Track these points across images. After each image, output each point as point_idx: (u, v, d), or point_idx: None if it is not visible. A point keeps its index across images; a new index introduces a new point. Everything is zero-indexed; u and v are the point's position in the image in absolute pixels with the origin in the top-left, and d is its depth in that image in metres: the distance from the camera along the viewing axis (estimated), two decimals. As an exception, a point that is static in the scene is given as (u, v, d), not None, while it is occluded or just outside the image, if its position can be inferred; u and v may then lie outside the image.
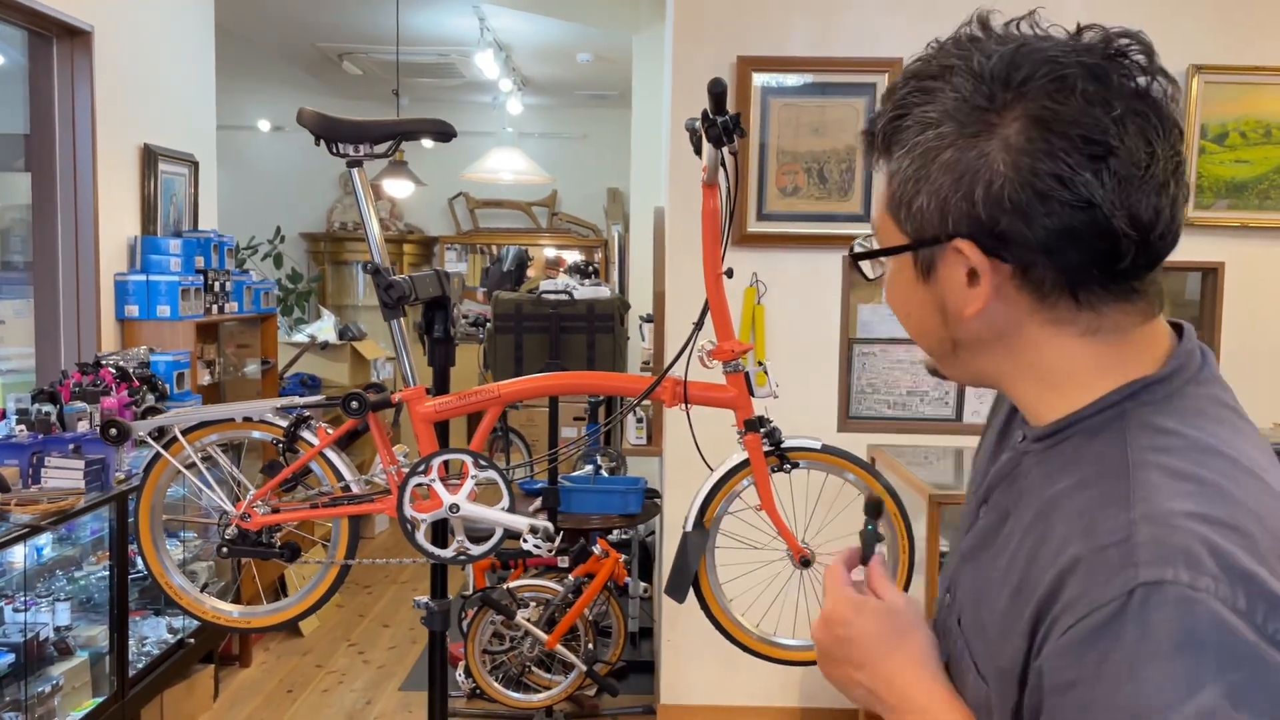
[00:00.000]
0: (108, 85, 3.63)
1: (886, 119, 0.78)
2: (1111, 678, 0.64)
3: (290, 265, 7.90)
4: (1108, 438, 0.75)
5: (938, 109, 0.75)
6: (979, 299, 0.75)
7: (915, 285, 0.80)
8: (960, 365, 0.82)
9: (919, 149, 0.75)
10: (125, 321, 3.76)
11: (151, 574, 1.83)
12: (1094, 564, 0.67)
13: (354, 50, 6.52)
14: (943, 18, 3.46)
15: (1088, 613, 0.66)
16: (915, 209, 0.76)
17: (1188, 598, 0.63)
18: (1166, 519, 0.67)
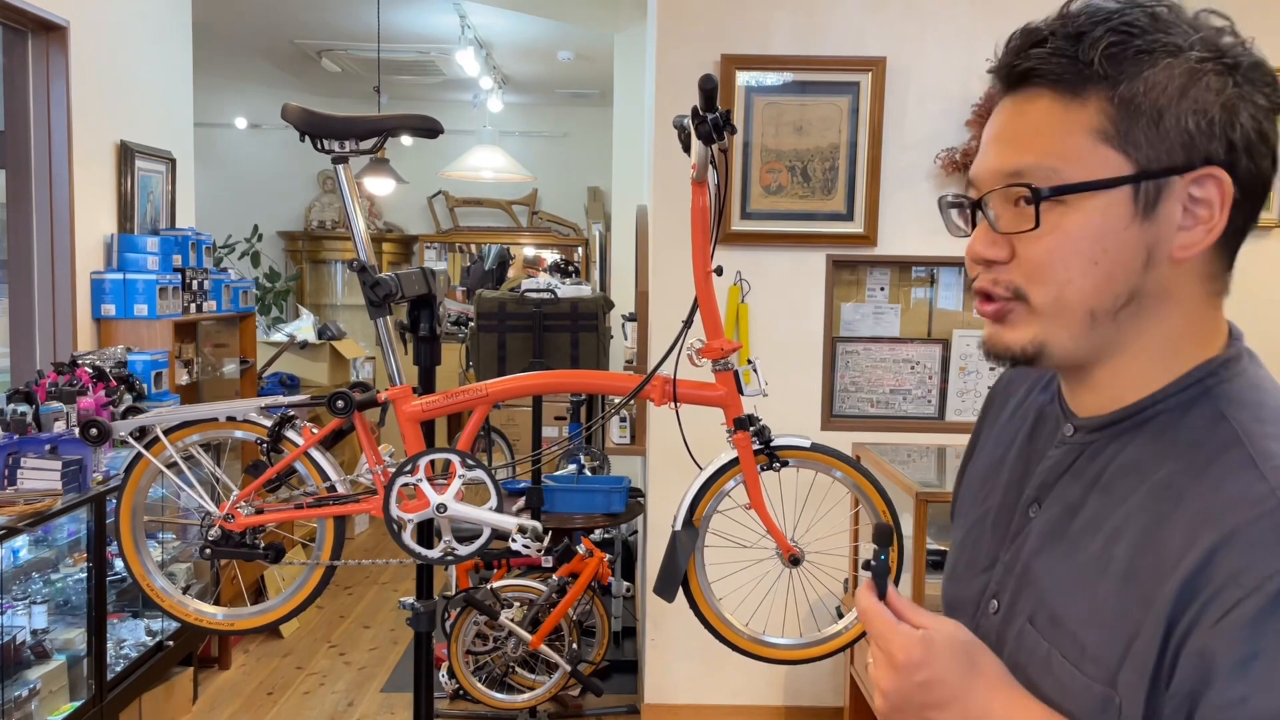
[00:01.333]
0: (84, 81, 3.58)
1: (1104, 37, 0.74)
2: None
3: (268, 264, 7.84)
4: (1202, 415, 0.76)
5: (1182, 39, 0.74)
6: (1203, 237, 0.74)
7: (1127, 224, 0.74)
8: (1106, 329, 0.77)
9: (1178, 68, 0.73)
10: (102, 320, 3.71)
11: (133, 576, 1.80)
12: (1250, 537, 0.67)
13: (333, 47, 6.47)
14: (924, 17, 3.49)
15: (1259, 584, 0.65)
16: (1165, 130, 0.73)
17: None
18: None
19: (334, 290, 8.37)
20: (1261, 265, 3.41)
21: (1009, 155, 0.78)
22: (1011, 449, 0.93)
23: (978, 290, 0.82)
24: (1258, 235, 3.38)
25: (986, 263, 0.80)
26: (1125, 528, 0.75)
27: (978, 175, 0.81)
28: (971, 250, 0.80)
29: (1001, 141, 0.79)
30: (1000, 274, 0.79)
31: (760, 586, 1.81)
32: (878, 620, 0.80)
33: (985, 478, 0.95)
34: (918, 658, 0.77)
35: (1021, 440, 0.92)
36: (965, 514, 0.98)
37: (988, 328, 0.82)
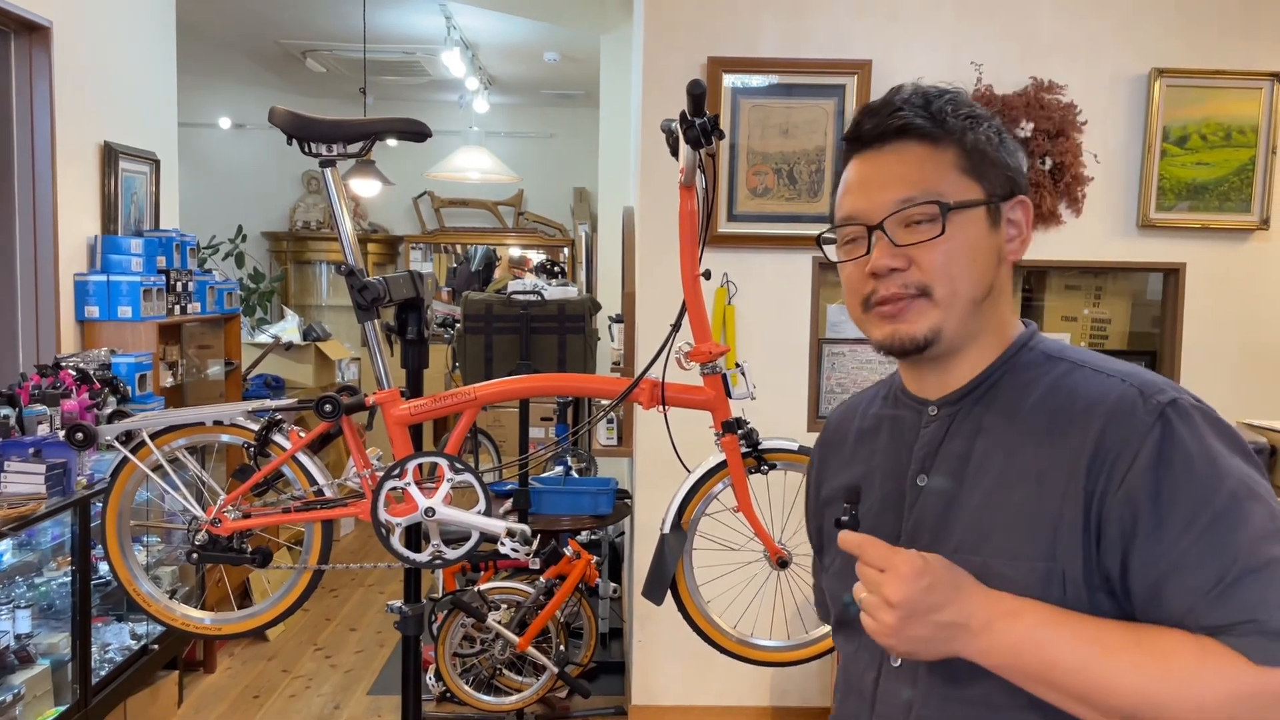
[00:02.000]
0: (67, 82, 3.56)
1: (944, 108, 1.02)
2: (1184, 465, 0.89)
3: (252, 265, 7.80)
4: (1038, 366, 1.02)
5: (982, 112, 1.05)
6: (1021, 245, 1.04)
7: (987, 233, 1.01)
8: (977, 317, 1.01)
9: (995, 129, 1.04)
10: (85, 323, 3.69)
11: (119, 581, 1.79)
12: (1119, 414, 0.92)
13: (318, 48, 6.45)
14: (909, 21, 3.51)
15: (1141, 442, 0.90)
16: (999, 169, 1.02)
17: (1197, 405, 0.93)
18: (1140, 373, 0.97)
19: (319, 291, 8.34)
20: (1241, 267, 3.44)
21: (896, 189, 1.00)
22: (874, 459, 1.10)
23: (883, 296, 1.00)
24: (1237, 238, 3.42)
25: (890, 271, 0.99)
26: (1020, 442, 0.97)
27: (867, 209, 1.01)
28: (877, 265, 0.99)
29: (881, 181, 1.01)
30: (903, 278, 0.99)
31: (748, 589, 1.82)
32: (876, 546, 0.93)
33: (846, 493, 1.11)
34: (919, 566, 0.90)
35: (883, 447, 1.09)
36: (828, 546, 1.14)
37: (885, 326, 1.01)
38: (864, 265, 1.00)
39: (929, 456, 1.03)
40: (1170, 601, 0.87)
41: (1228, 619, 0.85)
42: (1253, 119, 3.35)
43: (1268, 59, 3.35)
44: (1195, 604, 0.86)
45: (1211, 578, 0.85)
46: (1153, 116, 3.34)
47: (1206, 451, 0.89)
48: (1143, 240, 3.41)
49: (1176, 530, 0.87)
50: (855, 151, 1.04)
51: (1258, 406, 3.31)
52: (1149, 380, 0.94)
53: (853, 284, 1.03)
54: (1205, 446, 0.89)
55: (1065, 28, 3.34)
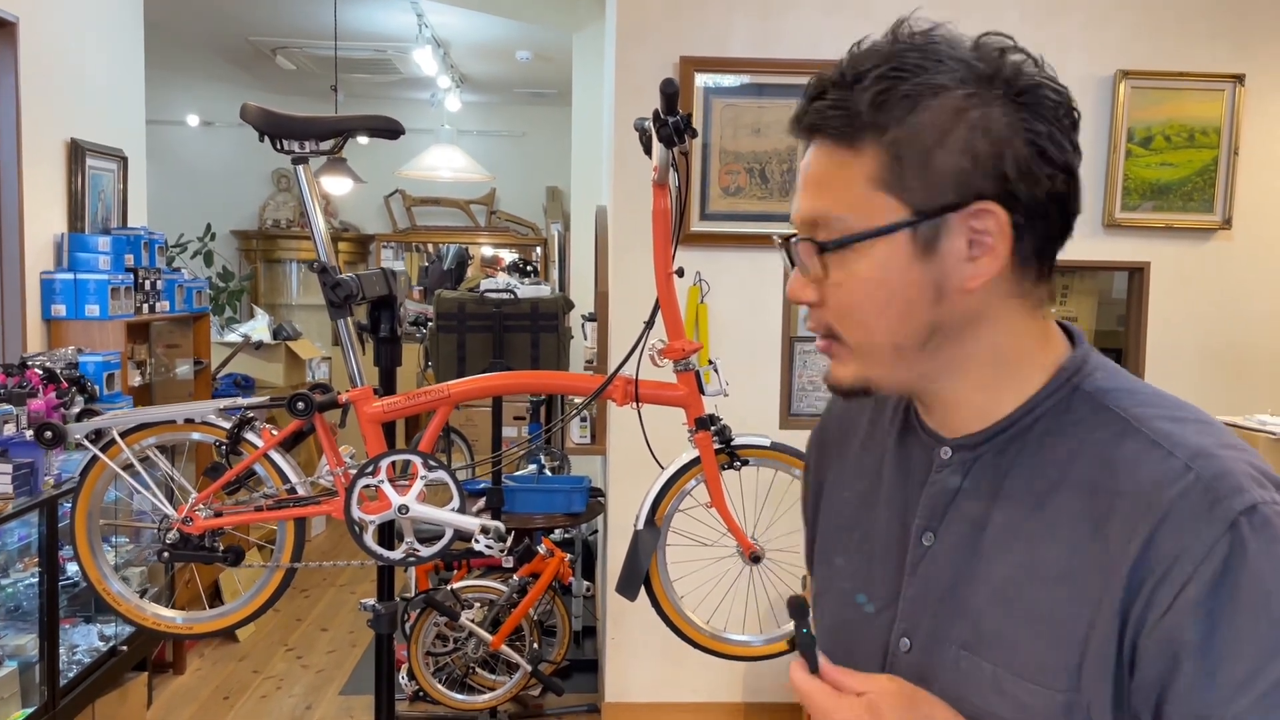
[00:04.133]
0: (33, 78, 3.52)
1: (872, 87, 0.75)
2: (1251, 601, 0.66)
3: (221, 263, 7.73)
4: (1083, 412, 0.77)
5: (948, 77, 0.75)
6: (989, 266, 0.75)
7: (909, 265, 0.76)
8: (920, 360, 0.79)
9: (944, 108, 0.74)
10: (52, 321, 3.65)
11: (89, 581, 1.78)
12: (1182, 513, 0.68)
13: (288, 45, 6.40)
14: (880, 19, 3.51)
15: (1200, 561, 0.67)
16: (935, 171, 0.74)
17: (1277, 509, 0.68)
18: (1211, 453, 0.70)
19: (289, 290, 8.28)
20: (1204, 266, 3.50)
21: (809, 202, 0.79)
22: (880, 481, 0.90)
23: (810, 328, 0.83)
24: (1200, 238, 3.47)
25: (800, 303, 0.81)
26: (1048, 531, 0.75)
27: (792, 218, 0.81)
28: (790, 292, 0.81)
29: (805, 187, 0.80)
30: (817, 315, 0.81)
31: (721, 584, 1.84)
32: (818, 696, 0.76)
33: (854, 511, 0.92)
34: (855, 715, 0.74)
35: (890, 472, 0.89)
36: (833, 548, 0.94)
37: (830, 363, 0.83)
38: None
39: (936, 512, 0.82)
40: None
41: None
42: (1215, 120, 3.41)
43: (1230, 61, 3.41)
44: None
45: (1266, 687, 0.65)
46: (1118, 118, 3.39)
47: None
48: (1108, 239, 3.46)
49: (1232, 686, 0.66)
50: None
51: (1220, 404, 3.37)
52: (1222, 468, 0.69)
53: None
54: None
55: (1032, 29, 3.39)
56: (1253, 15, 3.43)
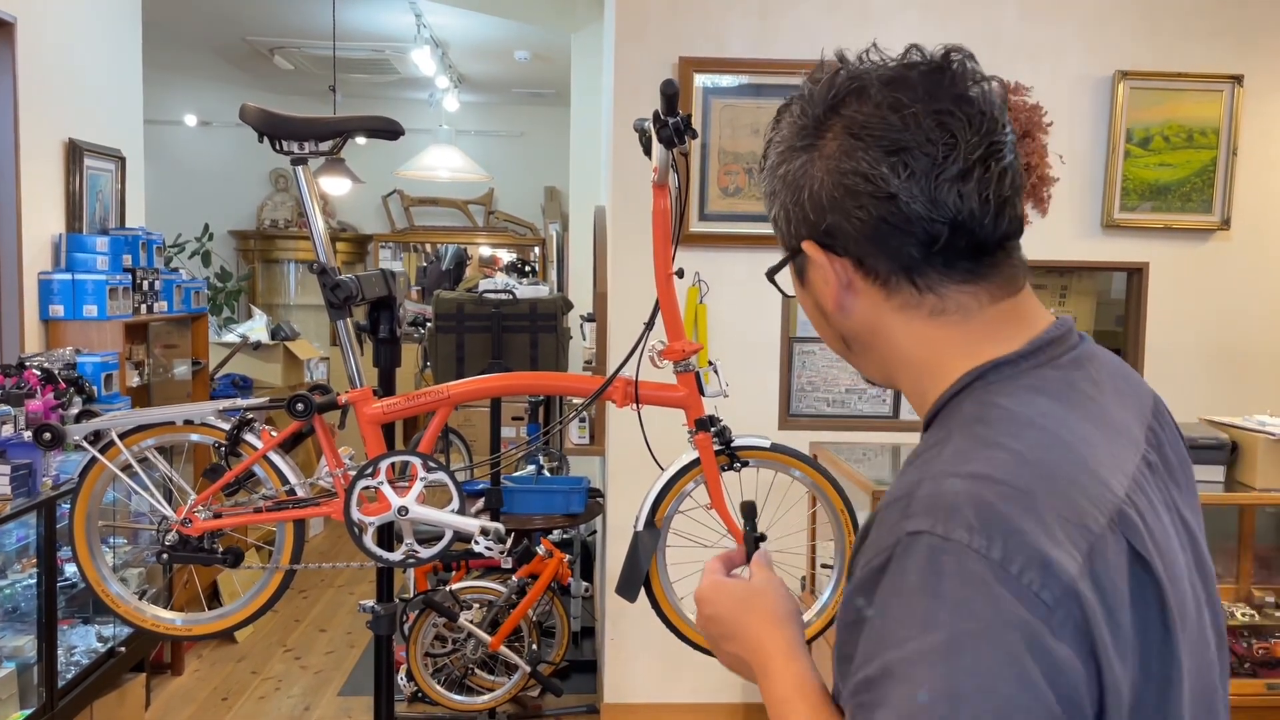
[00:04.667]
0: (31, 78, 3.51)
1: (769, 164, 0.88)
2: (876, 613, 0.71)
3: (219, 263, 7.73)
4: (951, 418, 0.81)
5: (780, 134, 0.87)
6: (832, 291, 0.85)
7: (800, 291, 0.91)
8: (860, 363, 0.92)
9: (769, 170, 0.88)
10: (50, 322, 3.64)
11: (88, 582, 1.78)
12: (884, 518, 0.75)
13: (286, 45, 6.40)
14: (878, 19, 3.54)
15: (871, 558, 0.74)
16: (776, 222, 0.88)
17: (938, 547, 0.69)
18: (943, 478, 0.73)
19: (287, 290, 8.28)
20: (1202, 266, 3.50)
21: None
22: None
23: None
24: (1199, 238, 3.47)
25: None
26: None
27: None
28: None
29: None
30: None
31: (721, 585, 1.83)
32: (705, 571, 0.97)
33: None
34: (705, 595, 0.94)
35: None
36: None
37: None
38: None
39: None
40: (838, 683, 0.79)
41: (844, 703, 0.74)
42: (1214, 121, 3.41)
43: (1229, 62, 3.42)
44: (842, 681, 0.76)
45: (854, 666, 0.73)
46: (1116, 118, 3.39)
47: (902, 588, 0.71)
48: (1107, 240, 3.46)
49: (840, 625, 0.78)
50: None
51: (1218, 403, 3.37)
52: (932, 492, 0.73)
53: None
54: (911, 586, 0.70)
55: (1031, 29, 3.39)
56: (1251, 15, 3.43)
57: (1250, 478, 2.68)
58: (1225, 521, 3.11)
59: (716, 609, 0.93)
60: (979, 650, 0.65)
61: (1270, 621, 2.73)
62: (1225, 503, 2.88)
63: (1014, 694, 0.64)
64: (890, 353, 0.87)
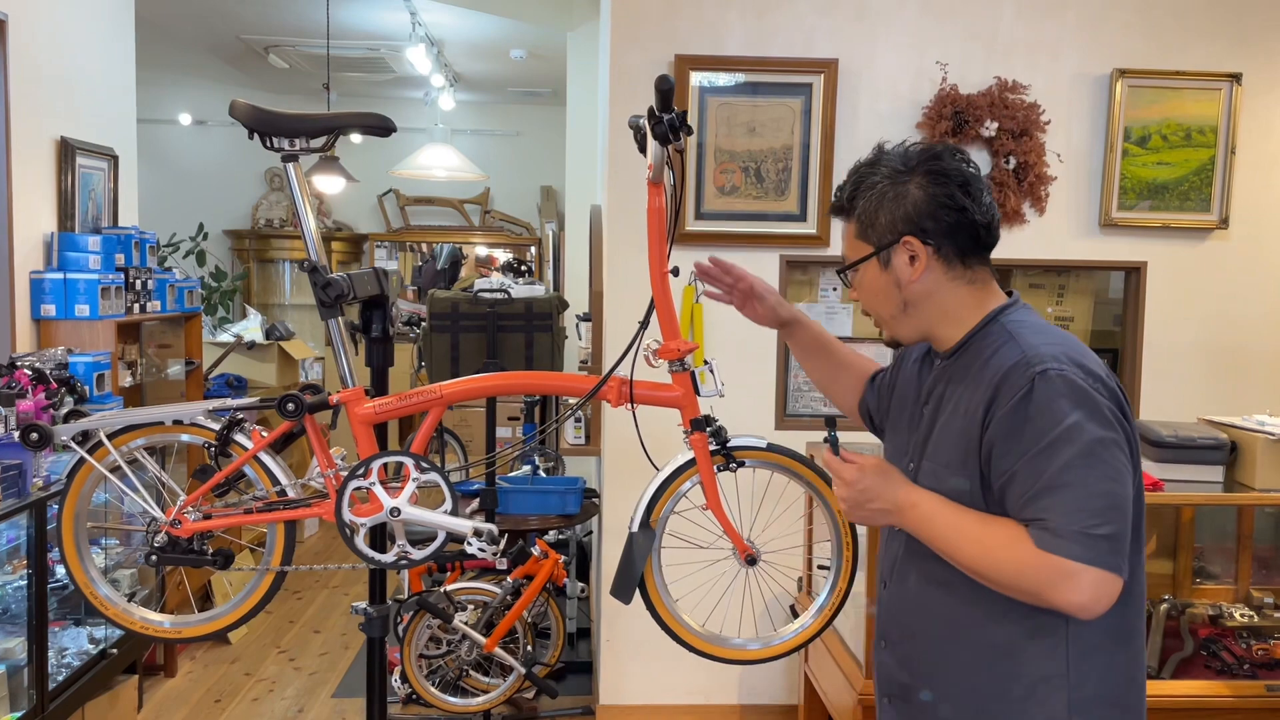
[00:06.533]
0: (22, 76, 3.49)
1: (849, 190, 1.49)
2: (1035, 415, 1.30)
3: (214, 263, 7.70)
4: (993, 332, 1.43)
5: (878, 176, 1.46)
6: (920, 268, 1.44)
7: (878, 274, 1.47)
8: (908, 322, 1.48)
9: (874, 194, 1.45)
10: (41, 321, 3.62)
11: (76, 584, 1.75)
12: (1010, 375, 1.34)
13: (280, 43, 6.38)
14: (875, 20, 3.52)
15: (1012, 395, 1.32)
16: (878, 226, 1.45)
17: (1060, 373, 1.32)
18: (1038, 347, 1.36)
19: (282, 290, 8.25)
20: (1200, 265, 3.48)
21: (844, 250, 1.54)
22: (910, 388, 1.58)
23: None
24: (1197, 237, 3.46)
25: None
26: (961, 394, 1.42)
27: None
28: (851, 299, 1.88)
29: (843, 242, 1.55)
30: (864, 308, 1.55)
31: (717, 587, 1.81)
32: (833, 462, 1.46)
33: (898, 402, 1.62)
34: (854, 476, 1.43)
35: (915, 383, 1.58)
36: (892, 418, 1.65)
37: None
38: None
39: (929, 393, 1.51)
40: (1008, 500, 1.33)
41: (1032, 516, 1.30)
42: (1212, 119, 3.40)
43: (1227, 60, 3.40)
44: (1018, 503, 1.31)
45: (1028, 487, 1.30)
46: (1114, 116, 3.38)
47: (1051, 406, 1.29)
48: (1105, 239, 3.45)
49: (1014, 454, 1.31)
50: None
51: (1217, 403, 3.36)
52: (1041, 353, 1.33)
53: None
54: (1051, 403, 1.29)
55: (1029, 27, 3.37)
56: (1249, 14, 3.42)
57: (1249, 478, 2.66)
58: (1224, 522, 3.10)
59: (865, 481, 1.41)
60: (1095, 418, 1.30)
61: (1269, 623, 2.72)
62: (1224, 503, 2.87)
63: (1121, 465, 1.31)
64: (935, 310, 1.46)
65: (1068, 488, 1.27)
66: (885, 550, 1.60)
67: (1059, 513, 1.26)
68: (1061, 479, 1.27)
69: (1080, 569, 1.25)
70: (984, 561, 1.32)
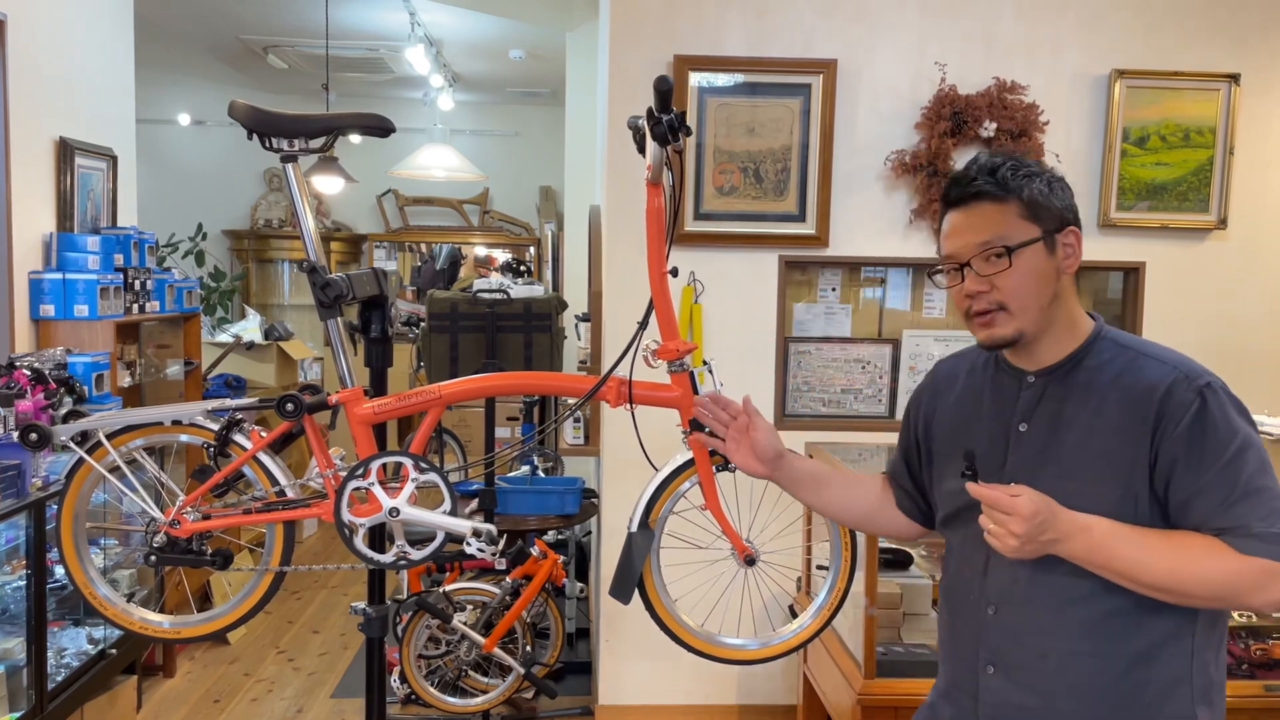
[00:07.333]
0: (21, 76, 3.49)
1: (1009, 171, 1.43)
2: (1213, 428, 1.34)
3: (213, 263, 7.70)
4: (1106, 349, 1.44)
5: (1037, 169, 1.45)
6: (1076, 261, 1.45)
7: (1046, 258, 1.42)
8: (1048, 315, 1.43)
9: (1046, 180, 1.44)
10: (40, 321, 3.62)
11: (75, 584, 1.75)
12: (1173, 393, 1.36)
13: (280, 43, 6.37)
14: (874, 20, 3.52)
15: (1184, 412, 1.34)
16: (1052, 209, 1.43)
17: (1220, 386, 1.37)
18: (1185, 363, 1.40)
19: (281, 290, 8.25)
20: (1199, 266, 3.49)
21: (975, 236, 1.42)
22: (981, 409, 1.53)
23: (977, 310, 1.44)
24: (1195, 238, 3.47)
25: (978, 293, 1.42)
26: (1100, 410, 1.40)
27: (957, 251, 1.44)
28: (968, 289, 1.43)
29: (966, 230, 1.44)
30: (988, 298, 1.42)
31: (715, 587, 1.82)
32: (1001, 496, 1.32)
33: (956, 428, 1.56)
34: (1035, 508, 1.30)
35: (988, 402, 1.52)
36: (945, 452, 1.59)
37: (982, 332, 1.45)
38: (962, 289, 1.44)
39: (1028, 411, 1.46)
40: (1195, 513, 1.34)
41: (1228, 524, 1.32)
42: (1210, 120, 3.40)
43: (1225, 61, 3.41)
44: (1210, 514, 1.33)
45: (1222, 498, 1.32)
46: (1113, 117, 3.38)
47: (1226, 418, 1.34)
48: (1103, 239, 3.45)
49: (1202, 468, 1.33)
50: (947, 209, 1.47)
51: (1215, 403, 3.36)
52: (1191, 367, 1.39)
53: (957, 301, 1.47)
54: (1225, 415, 1.35)
55: (1028, 28, 3.38)
56: (1248, 14, 3.42)
57: (1247, 478, 2.66)
58: (1222, 522, 3.09)
59: (1041, 513, 1.30)
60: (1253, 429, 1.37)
61: (1268, 623, 2.72)
62: (1222, 503, 2.87)
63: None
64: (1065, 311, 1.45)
65: (1260, 493, 1.32)
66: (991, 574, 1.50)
67: (1258, 517, 1.31)
68: (1253, 485, 1.32)
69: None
70: (1179, 574, 1.32)
